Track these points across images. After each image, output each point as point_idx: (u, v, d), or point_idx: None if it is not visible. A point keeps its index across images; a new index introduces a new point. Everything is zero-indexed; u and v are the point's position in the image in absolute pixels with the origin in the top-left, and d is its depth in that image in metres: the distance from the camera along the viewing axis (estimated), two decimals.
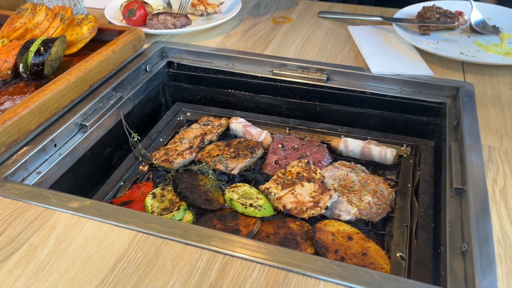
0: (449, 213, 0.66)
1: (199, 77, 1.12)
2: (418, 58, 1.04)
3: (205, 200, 0.81)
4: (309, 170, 0.82)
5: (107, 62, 0.94)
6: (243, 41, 1.15)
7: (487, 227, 0.60)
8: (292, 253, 0.56)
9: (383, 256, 0.70)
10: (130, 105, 1.00)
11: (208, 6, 1.29)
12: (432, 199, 0.80)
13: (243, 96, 1.11)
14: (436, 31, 1.15)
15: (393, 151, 0.90)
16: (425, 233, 0.74)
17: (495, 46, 1.07)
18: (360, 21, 1.26)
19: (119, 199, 0.84)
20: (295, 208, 0.77)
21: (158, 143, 1.01)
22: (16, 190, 0.66)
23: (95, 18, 1.05)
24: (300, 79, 1.03)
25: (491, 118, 0.84)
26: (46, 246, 0.57)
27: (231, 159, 0.89)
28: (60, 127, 0.81)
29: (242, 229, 0.75)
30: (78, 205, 0.63)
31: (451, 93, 0.94)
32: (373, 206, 0.79)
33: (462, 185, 0.68)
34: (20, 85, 0.92)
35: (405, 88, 0.97)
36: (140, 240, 0.58)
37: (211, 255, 0.56)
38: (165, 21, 1.16)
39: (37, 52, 0.89)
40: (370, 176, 0.85)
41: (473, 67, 1.01)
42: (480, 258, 0.56)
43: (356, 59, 1.05)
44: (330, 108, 1.04)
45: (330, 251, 0.70)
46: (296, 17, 1.31)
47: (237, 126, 1.00)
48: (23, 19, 1.01)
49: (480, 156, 0.72)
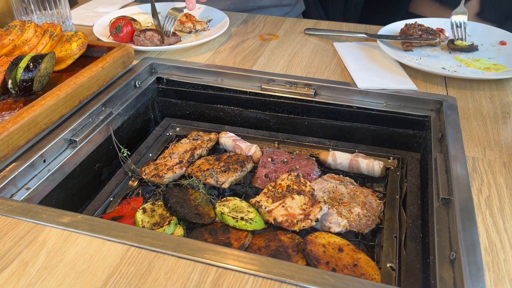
0: (437, 223, 0.67)
1: (188, 93, 1.13)
2: (402, 73, 1.07)
3: (196, 214, 0.81)
4: (299, 183, 0.83)
5: (96, 78, 0.95)
6: (232, 57, 1.16)
7: (474, 235, 0.61)
8: (285, 265, 0.56)
9: (374, 267, 0.71)
10: (120, 120, 1.00)
11: (196, 23, 1.31)
12: (419, 210, 0.82)
13: (232, 111, 1.12)
14: (419, 47, 1.18)
15: (380, 164, 0.92)
16: (414, 243, 0.75)
17: (475, 61, 1.11)
18: (345, 37, 1.30)
19: (109, 215, 0.83)
20: (286, 221, 0.77)
21: (148, 158, 1.01)
22: (5, 206, 0.65)
23: (84, 35, 1.06)
24: (288, 94, 1.05)
25: (474, 130, 0.86)
26: (36, 261, 0.57)
27: (221, 173, 0.89)
28: (50, 143, 0.81)
29: (233, 243, 0.75)
30: (69, 220, 0.63)
31: (435, 106, 0.97)
32: (363, 217, 0.80)
33: (449, 195, 0.70)
34: (9, 101, 0.91)
35: (390, 102, 0.99)
36: (132, 254, 0.58)
37: (204, 267, 0.56)
38: (151, 37, 1.18)
39: (26, 68, 0.89)
40: (358, 188, 0.86)
41: (455, 81, 1.04)
42: (468, 266, 0.57)
43: (342, 74, 1.07)
44: (318, 122, 1.06)
45: (322, 263, 0.70)
46: (283, 34, 1.33)
47: (226, 140, 1.01)
48: (11, 36, 1.02)
49: (465, 167, 0.74)
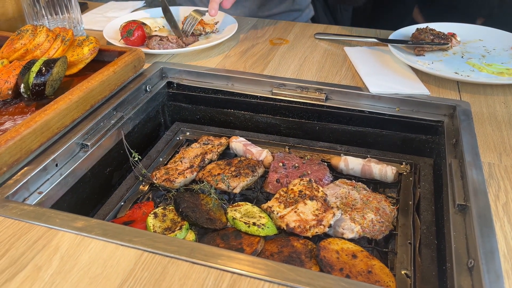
0: (453, 229, 0.66)
1: (199, 97, 1.13)
2: (414, 77, 1.06)
3: (208, 219, 0.80)
4: (311, 188, 0.83)
5: (108, 82, 0.95)
6: (242, 62, 1.16)
7: (492, 242, 0.60)
8: (300, 271, 0.55)
9: (388, 274, 0.69)
10: (131, 125, 1.00)
11: (205, 25, 1.32)
12: (433, 216, 0.81)
13: (242, 116, 1.11)
14: (430, 52, 1.17)
15: (393, 169, 0.91)
16: (428, 250, 0.74)
17: (488, 66, 1.10)
18: (356, 42, 1.29)
19: (120, 219, 0.83)
20: (299, 227, 0.76)
21: (158, 162, 1.01)
22: (19, 210, 0.65)
23: (96, 39, 1.06)
24: (299, 99, 1.04)
25: (488, 135, 0.85)
26: (50, 266, 0.57)
27: (232, 178, 0.89)
28: (62, 147, 0.81)
29: (245, 248, 0.74)
30: (82, 224, 0.62)
31: (448, 111, 0.96)
32: (376, 223, 0.79)
33: (465, 201, 0.69)
34: (21, 105, 0.91)
35: (402, 107, 0.99)
36: (146, 260, 0.57)
37: (218, 273, 0.55)
38: (174, 39, 1.19)
39: (38, 72, 0.89)
40: (371, 194, 0.85)
41: (468, 86, 1.03)
42: (487, 273, 0.56)
43: (353, 79, 1.07)
44: (329, 127, 1.05)
45: (335, 270, 0.69)
46: (293, 38, 1.33)
47: (237, 145, 1.00)
48: (23, 40, 1.02)
49: (481, 173, 0.73)
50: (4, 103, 0.92)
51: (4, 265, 0.57)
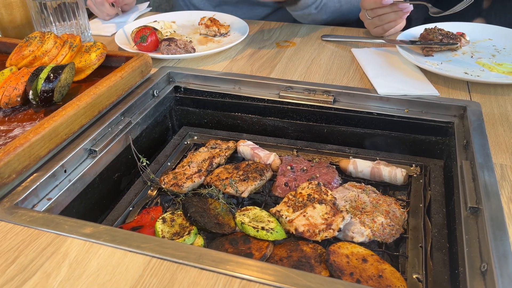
0: (466, 232, 0.65)
1: (206, 101, 1.12)
2: (423, 78, 1.05)
3: (216, 224, 0.80)
4: (320, 192, 0.82)
5: (115, 88, 0.95)
6: (249, 65, 1.16)
7: (506, 246, 0.59)
8: (309, 276, 0.55)
9: (400, 278, 0.68)
10: (138, 130, 1.00)
11: (220, 27, 1.34)
12: (445, 219, 0.80)
13: (250, 119, 1.11)
14: (439, 52, 1.16)
15: (403, 171, 0.90)
16: (440, 253, 0.73)
17: (498, 65, 1.08)
18: (363, 43, 1.28)
19: (128, 225, 0.83)
20: (308, 231, 0.76)
21: (166, 167, 1.01)
22: (28, 217, 0.65)
23: (103, 45, 1.06)
24: (307, 101, 1.03)
25: (500, 136, 0.84)
26: (59, 273, 0.56)
27: (240, 182, 0.88)
28: (70, 153, 0.81)
29: (255, 253, 0.74)
30: (91, 230, 0.62)
31: (458, 112, 0.94)
32: (386, 227, 0.78)
33: (477, 204, 0.68)
34: (29, 112, 0.92)
35: (411, 108, 0.97)
36: (154, 266, 0.57)
37: (227, 279, 0.55)
38: (185, 46, 1.20)
39: (47, 79, 0.90)
40: (381, 197, 0.84)
41: (478, 86, 1.02)
42: (501, 277, 0.55)
43: (361, 81, 1.06)
44: (337, 130, 1.05)
45: (346, 274, 0.69)
46: (299, 41, 1.32)
47: (245, 149, 1.00)
48: (31, 47, 1.03)
49: (493, 175, 0.72)
50: (13, 110, 0.93)
51: (14, 272, 0.57)
